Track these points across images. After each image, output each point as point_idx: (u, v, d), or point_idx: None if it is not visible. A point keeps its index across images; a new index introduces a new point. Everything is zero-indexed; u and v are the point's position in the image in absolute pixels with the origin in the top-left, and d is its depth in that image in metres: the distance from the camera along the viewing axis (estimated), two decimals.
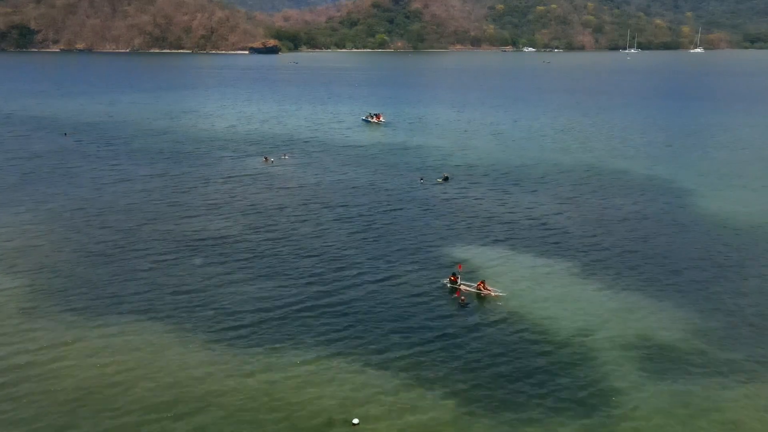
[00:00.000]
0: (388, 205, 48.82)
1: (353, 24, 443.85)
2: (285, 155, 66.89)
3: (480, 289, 32.85)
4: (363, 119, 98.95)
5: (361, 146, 75.16)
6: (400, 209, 47.65)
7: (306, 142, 78.33)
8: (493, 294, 32.49)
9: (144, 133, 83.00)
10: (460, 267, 34.75)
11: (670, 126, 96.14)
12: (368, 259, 37.19)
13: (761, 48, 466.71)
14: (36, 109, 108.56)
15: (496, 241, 40.57)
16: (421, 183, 55.67)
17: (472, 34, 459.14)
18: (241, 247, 38.92)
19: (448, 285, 33.39)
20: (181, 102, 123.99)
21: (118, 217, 45.05)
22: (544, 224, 44.21)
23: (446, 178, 56.65)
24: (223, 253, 37.93)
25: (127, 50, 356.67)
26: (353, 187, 54.12)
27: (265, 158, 64.83)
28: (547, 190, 53.82)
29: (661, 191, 53.83)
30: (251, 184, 54.70)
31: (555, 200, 50.58)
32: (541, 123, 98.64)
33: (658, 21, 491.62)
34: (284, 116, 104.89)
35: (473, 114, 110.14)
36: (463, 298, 31.62)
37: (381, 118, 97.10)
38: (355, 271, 35.22)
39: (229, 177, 57.32)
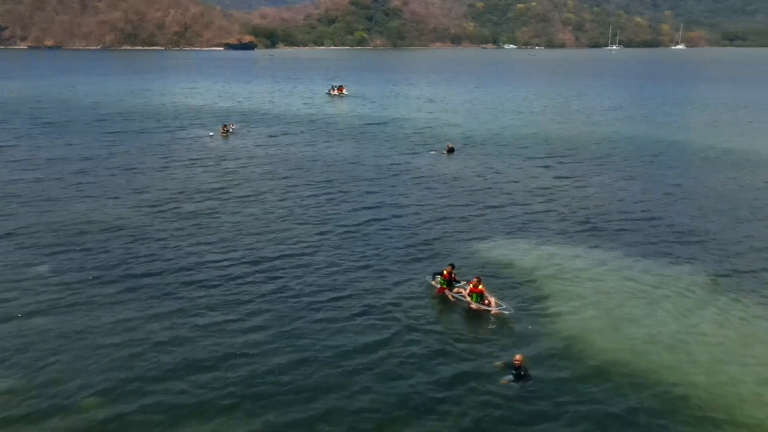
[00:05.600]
0: (373, 182, 40.07)
1: (331, 21, 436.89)
2: (232, 125, 60.14)
3: (469, 296, 21.42)
4: (326, 92, 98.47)
5: (326, 119, 69.60)
6: (388, 187, 39.20)
7: (266, 114, 73.04)
8: (492, 310, 20.92)
9: (90, 111, 74.81)
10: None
11: (685, 100, 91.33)
12: (343, 266, 24.80)
13: (739, 46, 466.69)
14: None
15: (525, 230, 29.84)
16: (433, 155, 49.04)
17: (453, 31, 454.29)
18: (147, 241, 27.31)
19: (436, 283, 22.67)
20: (144, 83, 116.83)
21: None
22: (580, 207, 34.10)
23: (451, 150, 49.82)
24: (103, 253, 25.75)
25: (98, 47, 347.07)
26: (314, 161, 46.42)
27: (224, 127, 58.04)
28: (568, 166, 45.68)
29: (714, 162, 46.95)
30: (191, 161, 45.44)
31: (582, 177, 41.97)
32: (543, 99, 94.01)
33: (638, 19, 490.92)
34: (248, 93, 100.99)
35: (457, 92, 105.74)
36: (518, 361, 17.25)
37: (344, 91, 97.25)
38: (321, 291, 22.51)
39: (166, 155, 47.95)
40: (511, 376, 17.09)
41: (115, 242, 27.45)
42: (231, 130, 58.01)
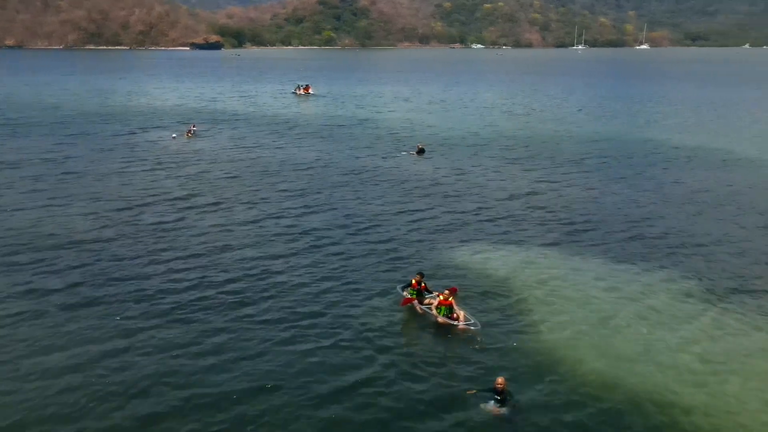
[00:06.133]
0: (342, 187, 38.64)
1: (299, 21, 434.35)
2: (193, 126, 57.86)
3: (437, 309, 19.94)
4: (292, 92, 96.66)
5: (294, 120, 67.88)
6: (358, 192, 37.39)
7: (231, 114, 71.53)
8: (459, 325, 19.41)
9: (48, 112, 72.05)
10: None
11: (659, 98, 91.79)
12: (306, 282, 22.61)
13: (701, 46, 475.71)
14: None
15: (502, 237, 27.97)
16: (403, 156, 47.59)
17: (420, 31, 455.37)
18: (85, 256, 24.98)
19: (407, 294, 20.99)
20: (107, 83, 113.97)
21: None
22: (562, 211, 32.21)
23: (421, 150, 48.33)
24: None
25: (61, 47, 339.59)
26: (282, 164, 44.53)
27: (189, 133, 55.72)
28: (546, 167, 43.86)
29: (695, 163, 45.91)
30: (151, 166, 42.75)
31: (563, 179, 40.20)
32: (515, 99, 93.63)
33: (602, 19, 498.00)
34: (214, 93, 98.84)
35: (424, 91, 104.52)
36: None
37: (310, 90, 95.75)
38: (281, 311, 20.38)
39: (125, 158, 45.28)
40: (493, 402, 15.47)
41: (65, 258, 25.07)
42: (193, 131, 55.88)
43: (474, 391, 16.11)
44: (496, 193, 36.60)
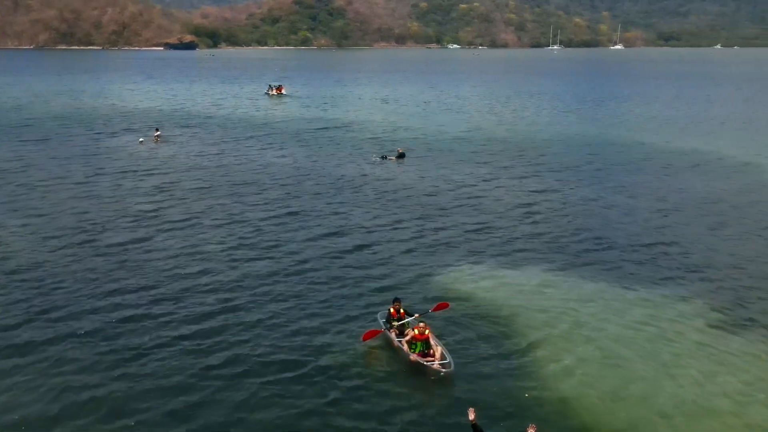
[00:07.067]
0: (318, 195, 36.29)
1: (275, 21, 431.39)
2: (157, 130, 55.35)
3: (410, 344, 17.64)
4: (265, 93, 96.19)
5: (269, 123, 66.45)
6: (332, 199, 35.54)
7: (205, 117, 69.96)
8: (433, 365, 16.96)
9: (10, 115, 69.88)
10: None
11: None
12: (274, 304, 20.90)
13: (674, 46, 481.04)
14: None
15: (493, 255, 25.57)
16: (381, 161, 45.76)
17: (397, 31, 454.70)
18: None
19: (386, 327, 18.85)
20: (76, 84, 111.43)
21: None
22: (561, 226, 29.76)
23: (401, 155, 46.69)
24: None
25: (32, 47, 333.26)
26: (256, 173, 42.28)
27: (157, 137, 53.34)
28: (541, 175, 41.33)
29: (702, 170, 43.87)
30: (115, 175, 40.01)
31: (560, 188, 37.51)
32: (500, 100, 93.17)
33: (577, 20, 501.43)
34: (186, 94, 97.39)
35: (402, 92, 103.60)
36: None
37: (282, 90, 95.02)
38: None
39: (89, 166, 42.74)
40: None
41: (8, 287, 22.12)
42: (158, 135, 53.72)
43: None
44: (485, 205, 33.81)
